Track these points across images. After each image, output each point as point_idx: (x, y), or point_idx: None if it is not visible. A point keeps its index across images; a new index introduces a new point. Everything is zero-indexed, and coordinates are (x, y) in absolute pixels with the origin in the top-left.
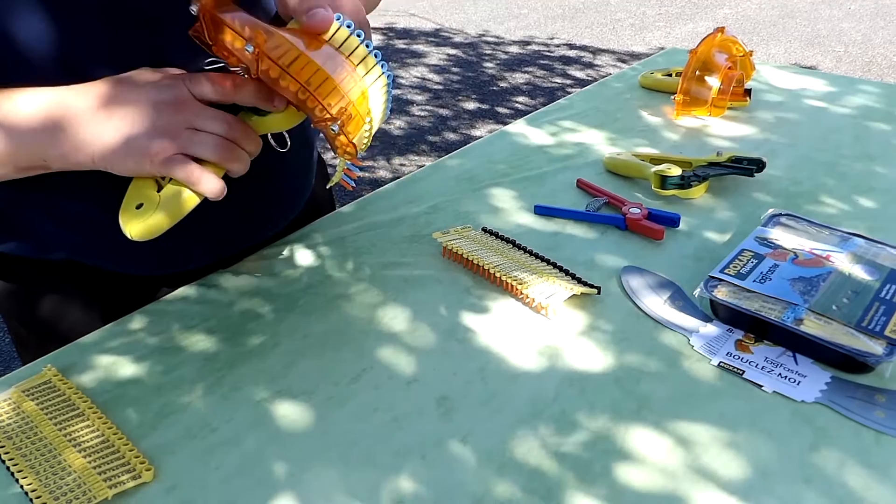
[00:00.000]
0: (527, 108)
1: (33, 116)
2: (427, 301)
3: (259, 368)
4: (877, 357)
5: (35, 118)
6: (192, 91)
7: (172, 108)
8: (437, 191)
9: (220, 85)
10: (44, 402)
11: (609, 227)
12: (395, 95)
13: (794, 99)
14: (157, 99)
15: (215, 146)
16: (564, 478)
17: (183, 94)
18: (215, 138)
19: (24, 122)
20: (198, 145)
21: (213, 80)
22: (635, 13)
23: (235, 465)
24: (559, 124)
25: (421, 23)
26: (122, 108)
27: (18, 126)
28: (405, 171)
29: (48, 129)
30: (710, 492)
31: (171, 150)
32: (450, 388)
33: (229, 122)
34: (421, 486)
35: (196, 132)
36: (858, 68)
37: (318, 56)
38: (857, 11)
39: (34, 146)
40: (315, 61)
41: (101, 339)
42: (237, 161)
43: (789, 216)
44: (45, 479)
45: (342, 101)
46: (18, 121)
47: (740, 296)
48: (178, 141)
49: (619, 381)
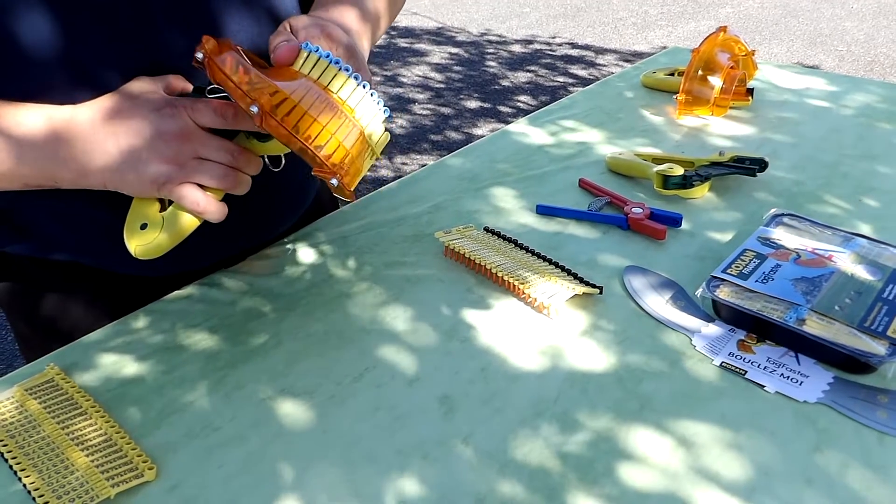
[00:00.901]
0: (529, 107)
1: (36, 136)
2: (429, 300)
3: (261, 367)
4: (879, 357)
5: (38, 138)
6: (195, 120)
7: (178, 138)
8: (438, 190)
9: (222, 115)
10: (46, 401)
11: (611, 227)
12: (397, 94)
13: (797, 98)
14: (163, 129)
15: (220, 175)
16: (566, 478)
17: (187, 125)
18: (220, 167)
19: (27, 141)
20: (204, 174)
21: (215, 109)
22: (637, 12)
23: (238, 463)
24: (561, 123)
25: (423, 21)
26: (129, 137)
27: (22, 144)
28: (407, 170)
29: (52, 153)
30: (712, 492)
31: (179, 180)
32: (452, 387)
33: (233, 151)
34: (423, 485)
35: (202, 161)
36: (861, 67)
37: (322, 113)
38: (859, 10)
39: (39, 166)
40: (319, 121)
41: (104, 337)
42: (240, 185)
43: (792, 216)
44: (47, 477)
45: (342, 153)
46: (21, 138)
47: (742, 296)
48: (185, 171)
49: (621, 380)
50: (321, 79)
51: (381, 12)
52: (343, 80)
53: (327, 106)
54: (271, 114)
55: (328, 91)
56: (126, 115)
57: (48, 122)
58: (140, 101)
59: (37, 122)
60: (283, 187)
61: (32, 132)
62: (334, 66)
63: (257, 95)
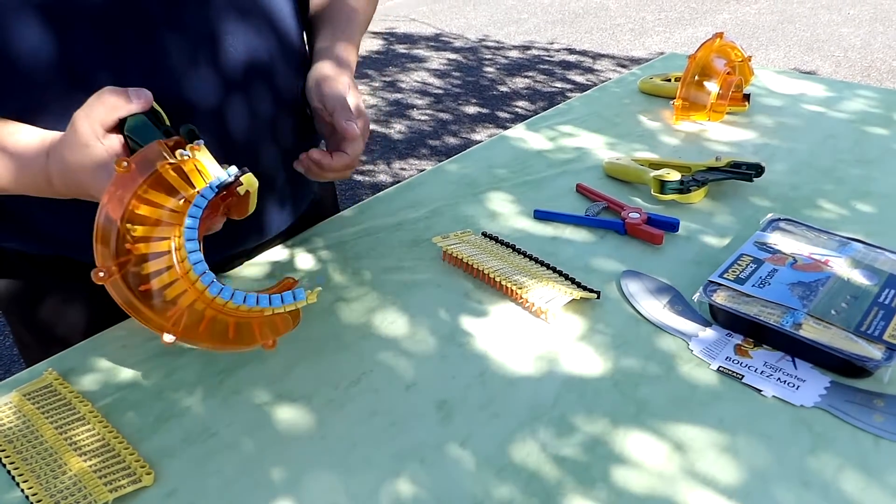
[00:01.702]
0: (527, 112)
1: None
2: (427, 305)
3: (259, 372)
4: (875, 362)
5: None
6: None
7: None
8: (437, 195)
9: None
10: (45, 406)
11: (608, 232)
12: (396, 100)
13: (793, 104)
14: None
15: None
16: (563, 482)
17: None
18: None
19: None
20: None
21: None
22: (635, 18)
23: (235, 468)
24: (559, 129)
25: (421, 27)
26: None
27: (20, 161)
28: (405, 175)
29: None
30: (709, 496)
31: None
32: (449, 392)
33: None
34: (420, 490)
35: None
36: (857, 73)
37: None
38: (856, 16)
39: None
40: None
41: (102, 342)
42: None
43: (788, 221)
44: (45, 482)
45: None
46: (19, 154)
47: (739, 300)
48: None
49: (619, 385)
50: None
51: (369, 14)
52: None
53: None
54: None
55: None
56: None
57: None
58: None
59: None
60: (286, 184)
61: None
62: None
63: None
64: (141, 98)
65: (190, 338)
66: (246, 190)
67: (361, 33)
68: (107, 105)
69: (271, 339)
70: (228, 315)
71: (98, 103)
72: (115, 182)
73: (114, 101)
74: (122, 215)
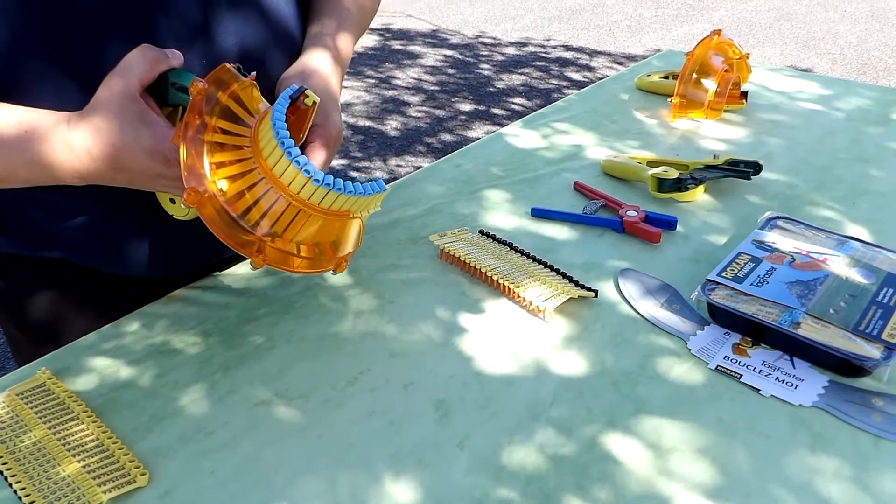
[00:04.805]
0: (523, 109)
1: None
2: (424, 304)
3: (255, 371)
4: (874, 361)
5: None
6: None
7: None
8: (433, 193)
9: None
10: (38, 406)
11: (606, 230)
12: (392, 96)
13: (790, 101)
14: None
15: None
16: (561, 482)
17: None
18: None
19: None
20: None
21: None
22: (632, 15)
23: (231, 468)
24: (556, 126)
25: (418, 24)
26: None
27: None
28: (401, 172)
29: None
30: (708, 496)
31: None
32: (446, 391)
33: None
34: (417, 490)
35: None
36: (854, 71)
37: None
38: (852, 14)
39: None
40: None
41: (96, 341)
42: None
43: (786, 219)
44: (38, 483)
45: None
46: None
47: (737, 299)
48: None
49: (616, 384)
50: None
51: (367, 8)
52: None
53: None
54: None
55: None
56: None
57: (27, 124)
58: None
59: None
60: None
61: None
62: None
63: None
64: (177, 54)
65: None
66: (311, 103)
67: (360, 24)
68: (149, 60)
69: (343, 261)
70: (316, 211)
71: (140, 59)
72: (191, 109)
73: (156, 55)
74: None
